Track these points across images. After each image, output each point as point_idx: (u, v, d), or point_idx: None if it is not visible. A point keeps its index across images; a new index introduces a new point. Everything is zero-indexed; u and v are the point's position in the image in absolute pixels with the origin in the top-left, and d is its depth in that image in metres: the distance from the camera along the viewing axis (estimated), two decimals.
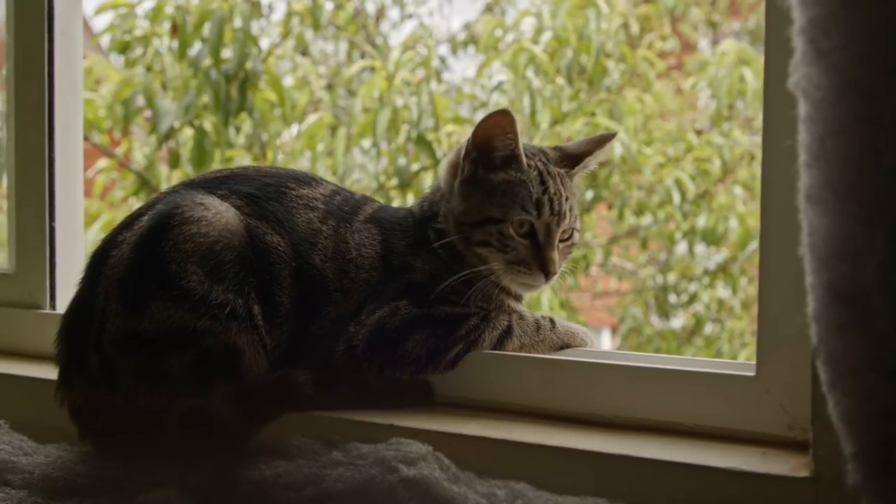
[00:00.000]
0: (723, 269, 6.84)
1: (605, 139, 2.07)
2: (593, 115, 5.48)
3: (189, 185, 2.01)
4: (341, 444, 1.74)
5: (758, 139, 6.69)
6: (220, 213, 1.87)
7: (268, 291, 1.88)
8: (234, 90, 4.70)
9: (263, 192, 1.97)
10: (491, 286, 1.95)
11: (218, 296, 1.79)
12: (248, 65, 4.72)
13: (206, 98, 4.74)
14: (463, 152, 1.96)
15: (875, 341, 1.21)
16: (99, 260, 1.92)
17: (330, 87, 5.68)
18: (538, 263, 1.92)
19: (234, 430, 1.81)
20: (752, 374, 1.68)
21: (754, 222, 6.15)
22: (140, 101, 4.89)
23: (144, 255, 1.84)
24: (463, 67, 6.11)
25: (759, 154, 6.35)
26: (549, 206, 1.93)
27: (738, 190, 6.59)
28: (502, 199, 1.92)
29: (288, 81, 6.04)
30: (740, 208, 6.36)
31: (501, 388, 1.90)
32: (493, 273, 1.93)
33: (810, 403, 1.54)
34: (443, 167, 2.08)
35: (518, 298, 2.04)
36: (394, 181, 5.15)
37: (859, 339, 1.23)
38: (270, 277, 1.89)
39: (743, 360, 1.83)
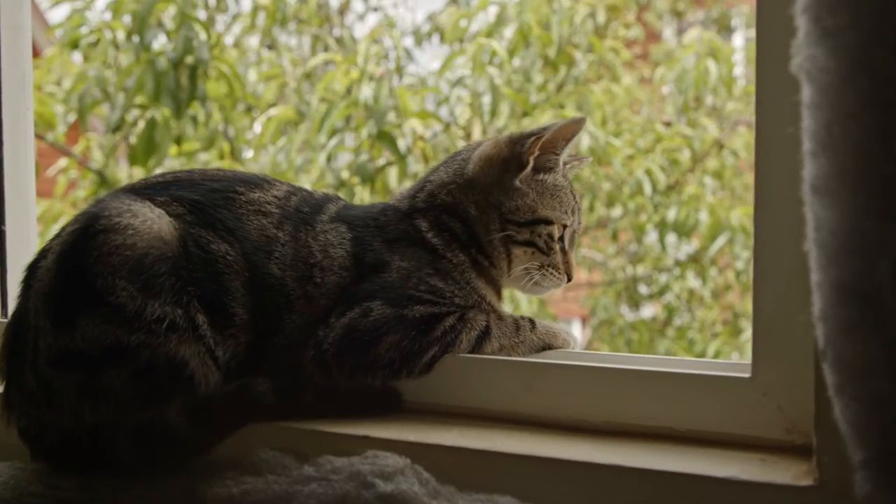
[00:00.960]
0: (694, 260, 6.79)
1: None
2: (562, 107, 5.39)
3: (128, 191, 1.89)
4: (313, 458, 1.63)
5: (726, 128, 6.63)
6: (150, 220, 1.76)
7: (216, 302, 1.78)
8: (183, 78, 4.53)
9: (209, 199, 1.86)
10: (476, 281, 1.90)
11: (154, 311, 1.69)
12: (199, 53, 4.55)
13: (153, 86, 4.56)
14: (525, 148, 1.93)
15: (888, 343, 1.13)
16: (30, 271, 1.82)
17: (305, 78, 5.54)
18: (566, 268, 1.96)
19: (191, 445, 1.70)
20: (747, 375, 1.59)
21: (724, 213, 6.10)
22: (96, 95, 4.72)
23: (70, 266, 1.73)
24: (428, 60, 5.98)
25: (728, 143, 6.31)
26: (579, 213, 1.99)
27: (707, 180, 6.53)
28: (552, 201, 1.94)
29: (253, 76, 5.90)
30: (709, 199, 6.31)
31: (480, 394, 1.79)
32: (528, 273, 1.94)
33: (811, 406, 1.45)
34: (477, 159, 1.99)
35: (498, 296, 1.96)
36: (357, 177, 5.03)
37: (871, 340, 1.14)
38: (218, 287, 1.79)
39: (737, 360, 1.72)
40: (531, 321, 1.88)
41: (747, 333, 6.13)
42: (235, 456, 1.69)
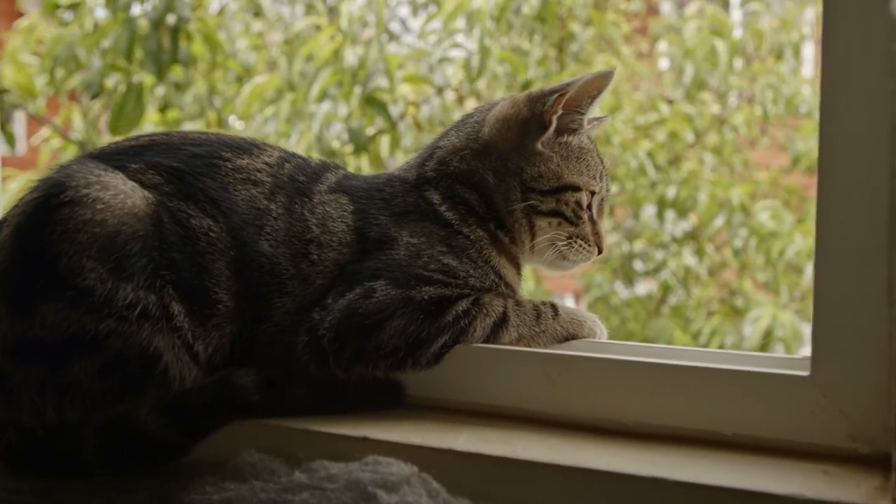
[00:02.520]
0: (691, 236, 6.58)
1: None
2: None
3: (95, 157, 1.67)
4: (305, 463, 1.41)
5: (727, 103, 6.40)
6: (122, 193, 1.55)
7: (196, 287, 1.56)
8: (165, 39, 4.25)
9: (190, 166, 1.64)
10: (495, 258, 1.69)
11: (126, 295, 1.50)
12: (180, 11, 4.26)
13: (136, 50, 4.28)
14: (547, 107, 1.72)
15: None
16: None
17: (287, 46, 5.28)
18: (595, 239, 1.76)
19: (164, 446, 1.51)
20: (805, 373, 1.36)
21: (724, 191, 5.89)
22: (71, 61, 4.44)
23: (29, 242, 1.52)
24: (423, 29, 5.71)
25: (730, 119, 6.08)
26: (607, 179, 1.80)
27: (707, 156, 6.32)
28: (578, 165, 1.74)
29: (240, 45, 5.64)
30: (708, 175, 6.10)
31: (496, 390, 1.56)
32: (554, 246, 1.73)
33: (880, 410, 1.24)
34: (493, 121, 1.77)
35: (518, 274, 1.75)
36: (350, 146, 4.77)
37: None
38: (199, 270, 1.57)
39: (794, 356, 1.48)
40: (553, 307, 1.65)
41: (747, 315, 5.94)
42: (216, 458, 1.48)
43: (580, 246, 1.73)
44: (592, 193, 1.75)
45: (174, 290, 1.54)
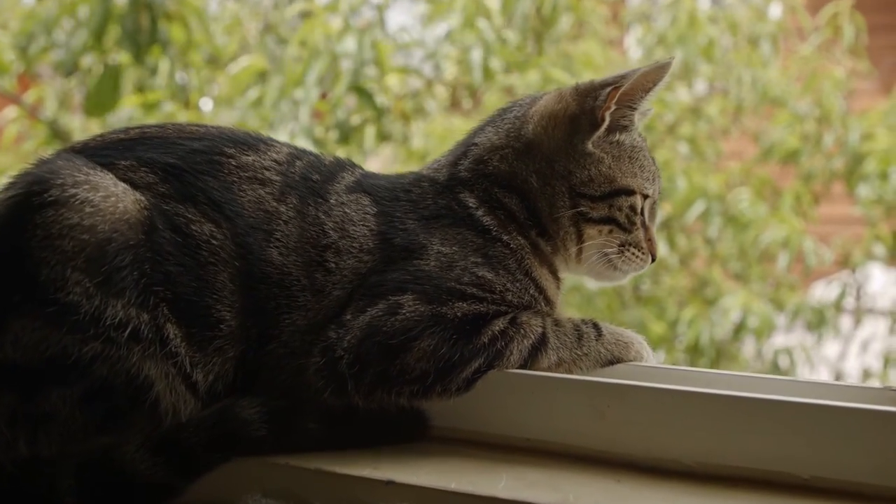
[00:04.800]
0: (663, 225, 6.41)
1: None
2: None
3: (80, 152, 1.42)
4: None
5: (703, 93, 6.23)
6: (114, 196, 1.32)
7: (195, 305, 1.33)
8: (144, 19, 3.95)
9: (189, 163, 1.40)
10: (537, 270, 1.48)
11: (116, 313, 1.27)
12: None
13: (111, 29, 3.99)
14: (600, 102, 1.51)
15: None
16: None
17: (267, 30, 4.99)
18: (649, 246, 1.56)
19: (155, 487, 1.29)
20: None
21: (701, 179, 5.70)
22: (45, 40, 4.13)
23: (4, 246, 1.29)
24: (414, 17, 5.46)
25: (706, 109, 5.90)
26: (659, 180, 1.60)
27: (680, 146, 6.13)
28: (631, 166, 1.54)
29: (216, 27, 5.33)
30: (680, 165, 5.93)
31: (536, 423, 1.33)
32: (604, 255, 1.53)
33: None
34: (538, 117, 1.55)
35: (559, 288, 1.54)
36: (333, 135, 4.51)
37: None
38: (199, 285, 1.34)
39: (883, 385, 1.27)
40: (596, 326, 1.43)
41: (720, 304, 5.78)
42: (215, 500, 1.27)
43: (632, 254, 1.53)
44: (645, 197, 1.55)
45: (170, 309, 1.31)
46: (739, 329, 5.57)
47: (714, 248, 6.26)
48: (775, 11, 6.42)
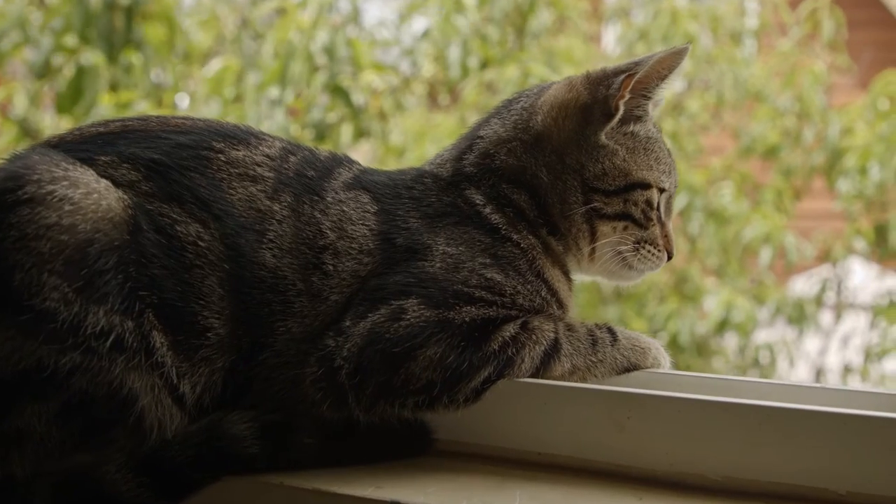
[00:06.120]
0: None
1: None
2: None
3: (56, 146, 1.31)
4: None
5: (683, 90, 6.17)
6: (96, 193, 1.21)
7: (181, 311, 1.23)
8: (119, 19, 3.84)
9: (175, 159, 1.30)
10: (548, 271, 1.38)
11: (97, 321, 1.17)
12: None
13: (86, 30, 3.87)
14: (613, 90, 1.42)
15: None
16: None
17: (244, 26, 4.87)
18: (665, 242, 1.46)
19: None
20: None
21: (685, 174, 5.65)
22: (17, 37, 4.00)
23: None
24: (391, 10, 5.36)
25: (687, 104, 5.85)
26: (675, 173, 1.50)
27: None
28: (647, 159, 1.44)
29: (189, 23, 5.21)
30: None
31: (550, 436, 1.23)
32: (619, 254, 1.43)
33: None
34: (547, 107, 1.45)
35: (570, 289, 1.44)
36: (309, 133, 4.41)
37: None
38: (186, 289, 1.23)
39: None
40: (610, 331, 1.33)
41: (701, 299, 5.73)
42: None
43: (648, 252, 1.44)
44: (662, 191, 1.45)
45: (155, 315, 1.20)
46: (721, 325, 5.52)
47: (695, 243, 6.22)
48: (754, 7, 6.38)
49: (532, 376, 1.26)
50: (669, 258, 1.48)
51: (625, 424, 1.19)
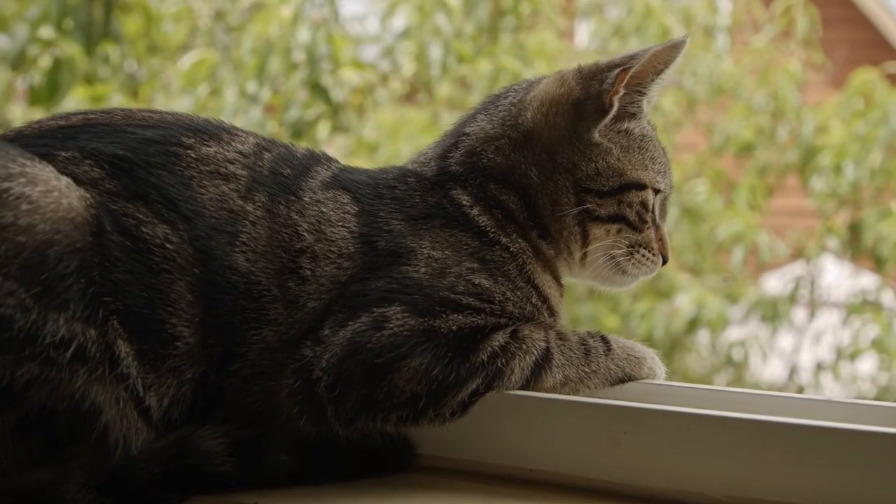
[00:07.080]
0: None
1: None
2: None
3: (12, 140, 1.22)
4: None
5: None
6: (56, 191, 1.13)
7: (147, 318, 1.15)
8: (97, 11, 3.75)
9: (140, 155, 1.22)
10: (539, 276, 1.31)
11: (57, 329, 1.09)
12: None
13: (63, 20, 3.78)
14: (607, 85, 1.35)
15: None
16: None
17: (218, 17, 4.79)
18: (660, 246, 1.40)
19: None
20: None
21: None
22: None
23: None
24: (369, 4, 5.29)
25: (660, 101, 5.82)
26: (670, 174, 1.44)
27: None
28: (642, 158, 1.38)
29: (167, 12, 5.11)
30: None
31: (541, 452, 1.16)
32: (612, 258, 1.37)
33: None
34: (537, 103, 1.38)
35: (562, 294, 1.37)
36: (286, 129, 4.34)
37: None
38: (153, 294, 1.15)
39: None
40: (604, 340, 1.26)
41: (672, 297, 5.70)
42: None
43: (643, 256, 1.37)
44: (657, 191, 1.39)
45: (120, 323, 1.12)
46: (693, 323, 5.50)
47: (670, 239, 6.20)
48: (725, 5, 6.36)
49: (522, 388, 1.19)
50: (664, 262, 1.41)
51: (621, 440, 1.12)
